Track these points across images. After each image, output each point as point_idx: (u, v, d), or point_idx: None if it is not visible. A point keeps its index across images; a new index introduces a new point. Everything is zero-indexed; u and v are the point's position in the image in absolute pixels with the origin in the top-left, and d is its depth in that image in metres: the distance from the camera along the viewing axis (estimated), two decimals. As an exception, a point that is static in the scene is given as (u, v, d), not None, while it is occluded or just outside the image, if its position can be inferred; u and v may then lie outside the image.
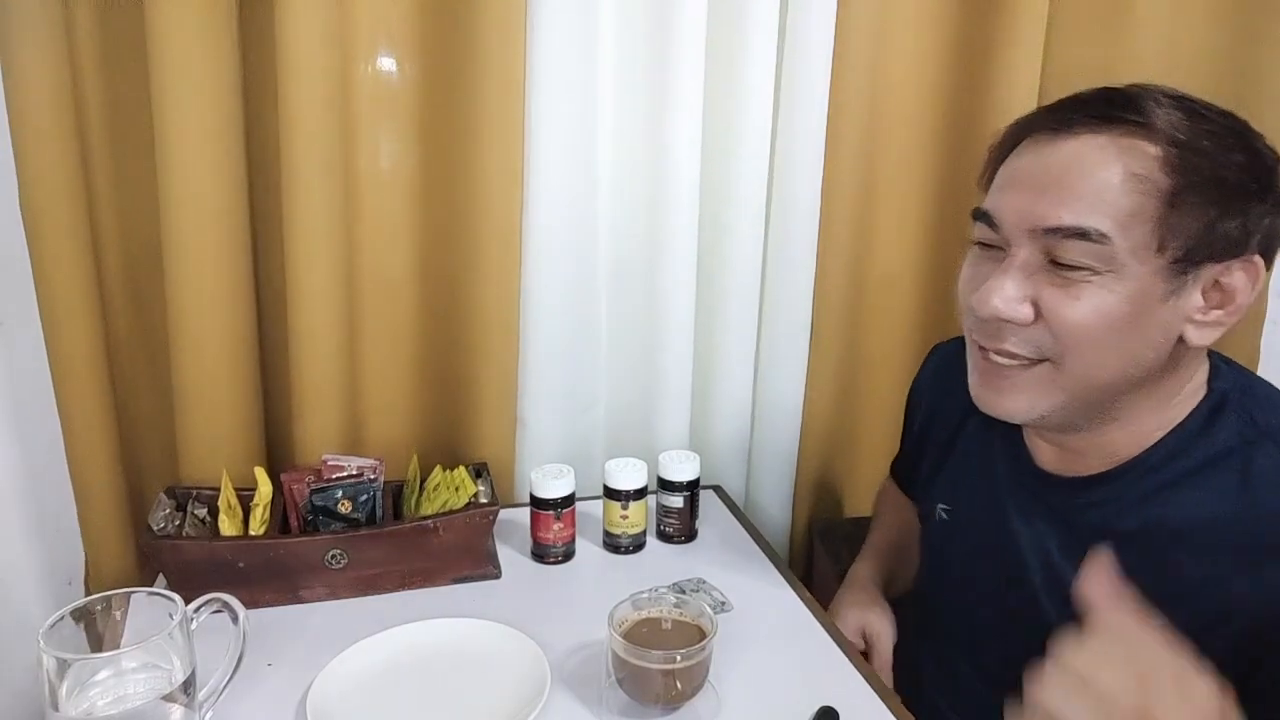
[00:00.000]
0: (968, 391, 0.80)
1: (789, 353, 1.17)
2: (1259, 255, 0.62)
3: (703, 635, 0.70)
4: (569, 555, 0.97)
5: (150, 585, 0.80)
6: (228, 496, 0.91)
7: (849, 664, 0.78)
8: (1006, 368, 0.66)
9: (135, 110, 0.95)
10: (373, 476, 0.94)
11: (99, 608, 0.65)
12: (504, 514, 0.94)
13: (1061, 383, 0.64)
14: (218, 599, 0.67)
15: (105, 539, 1.00)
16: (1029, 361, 0.65)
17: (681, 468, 0.99)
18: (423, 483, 1.00)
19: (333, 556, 0.86)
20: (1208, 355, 0.69)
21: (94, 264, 0.96)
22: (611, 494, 0.97)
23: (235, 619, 0.68)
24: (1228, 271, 0.61)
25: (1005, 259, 0.65)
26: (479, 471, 1.01)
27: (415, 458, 1.02)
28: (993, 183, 0.69)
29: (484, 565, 0.92)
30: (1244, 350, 1.21)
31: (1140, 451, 0.67)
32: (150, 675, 0.63)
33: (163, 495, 0.91)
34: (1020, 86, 1.08)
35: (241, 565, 0.84)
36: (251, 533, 0.89)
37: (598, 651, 0.77)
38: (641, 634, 0.71)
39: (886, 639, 0.88)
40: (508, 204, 1.03)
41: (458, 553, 0.90)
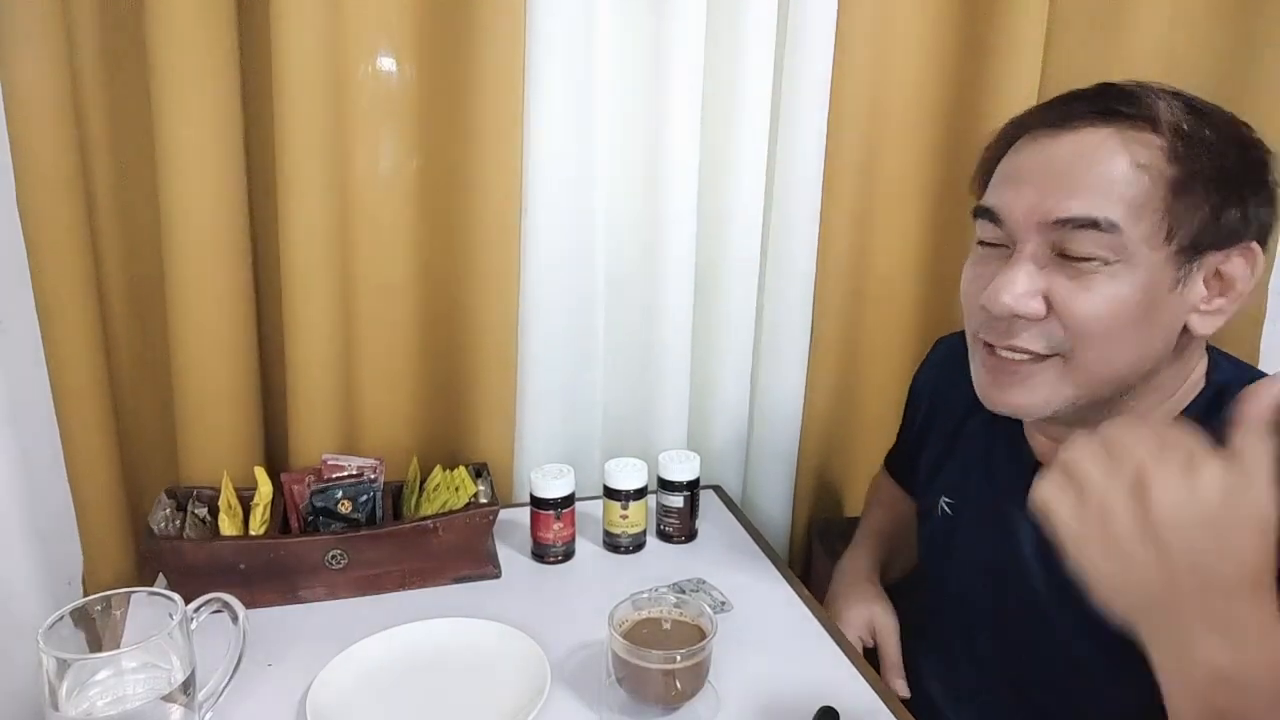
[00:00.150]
0: (970, 389, 0.80)
1: (788, 353, 1.17)
2: (1256, 243, 0.63)
3: (703, 635, 0.70)
4: (569, 555, 0.97)
5: (150, 585, 0.80)
6: (228, 496, 0.91)
7: (849, 664, 0.78)
8: (1016, 363, 0.65)
9: (135, 112, 0.95)
10: (373, 477, 0.94)
11: (99, 608, 0.65)
12: (504, 514, 0.94)
13: (1073, 377, 0.64)
14: (218, 599, 0.67)
15: (104, 540, 1.00)
16: (1039, 356, 0.64)
17: (681, 468, 0.99)
18: (423, 483, 1.00)
19: (333, 556, 0.86)
20: (1206, 349, 0.69)
21: (93, 266, 0.96)
22: (611, 494, 0.97)
23: (235, 619, 0.68)
24: (1228, 260, 0.62)
25: (1012, 255, 0.65)
26: (479, 472, 1.01)
27: (415, 458, 1.02)
28: (989, 181, 0.69)
29: (484, 565, 0.92)
30: (1244, 349, 1.21)
31: None
32: (150, 675, 0.63)
33: (163, 495, 0.91)
34: (1020, 88, 1.08)
35: (242, 565, 0.84)
36: (251, 533, 0.89)
37: (598, 651, 0.77)
38: (641, 634, 0.71)
39: (894, 634, 0.88)
40: (506, 205, 1.03)
41: (458, 553, 0.90)
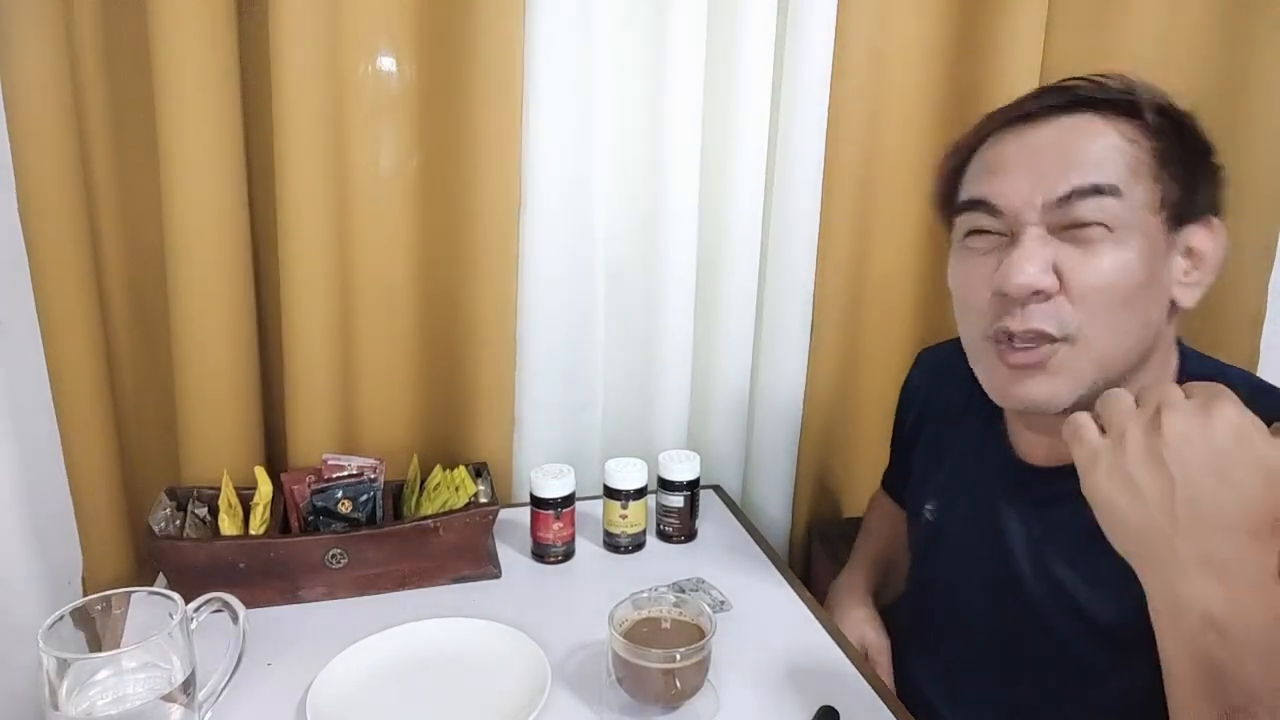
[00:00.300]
0: (958, 393, 0.80)
1: (788, 353, 1.17)
2: (1216, 219, 0.66)
3: (702, 635, 0.70)
4: (569, 555, 0.97)
5: (150, 585, 0.80)
6: (228, 496, 0.91)
7: (849, 664, 0.78)
8: (1034, 354, 0.65)
9: (136, 112, 0.95)
10: (373, 476, 0.95)
11: (99, 607, 0.65)
12: (504, 514, 0.94)
13: (1087, 357, 0.64)
14: (218, 599, 0.67)
15: (103, 540, 1.00)
16: (1052, 341, 0.64)
17: (681, 467, 0.99)
18: (423, 483, 1.00)
19: (333, 556, 0.86)
20: (1177, 344, 0.71)
21: (93, 266, 0.96)
22: (611, 494, 0.97)
23: (235, 619, 0.68)
24: (1196, 235, 0.65)
25: (1012, 240, 0.65)
26: (479, 471, 1.01)
27: (415, 458, 1.03)
28: (964, 177, 0.70)
29: (484, 565, 0.92)
30: (1244, 350, 1.21)
31: None
32: (150, 675, 0.63)
33: (163, 495, 0.91)
34: (1019, 85, 1.08)
35: (242, 565, 0.84)
36: (252, 532, 0.89)
37: (598, 651, 0.77)
38: (641, 633, 0.71)
39: (885, 654, 0.89)
40: (506, 205, 1.03)
41: (458, 553, 0.90)
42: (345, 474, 0.94)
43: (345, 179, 1.01)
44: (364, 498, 0.93)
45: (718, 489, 1.16)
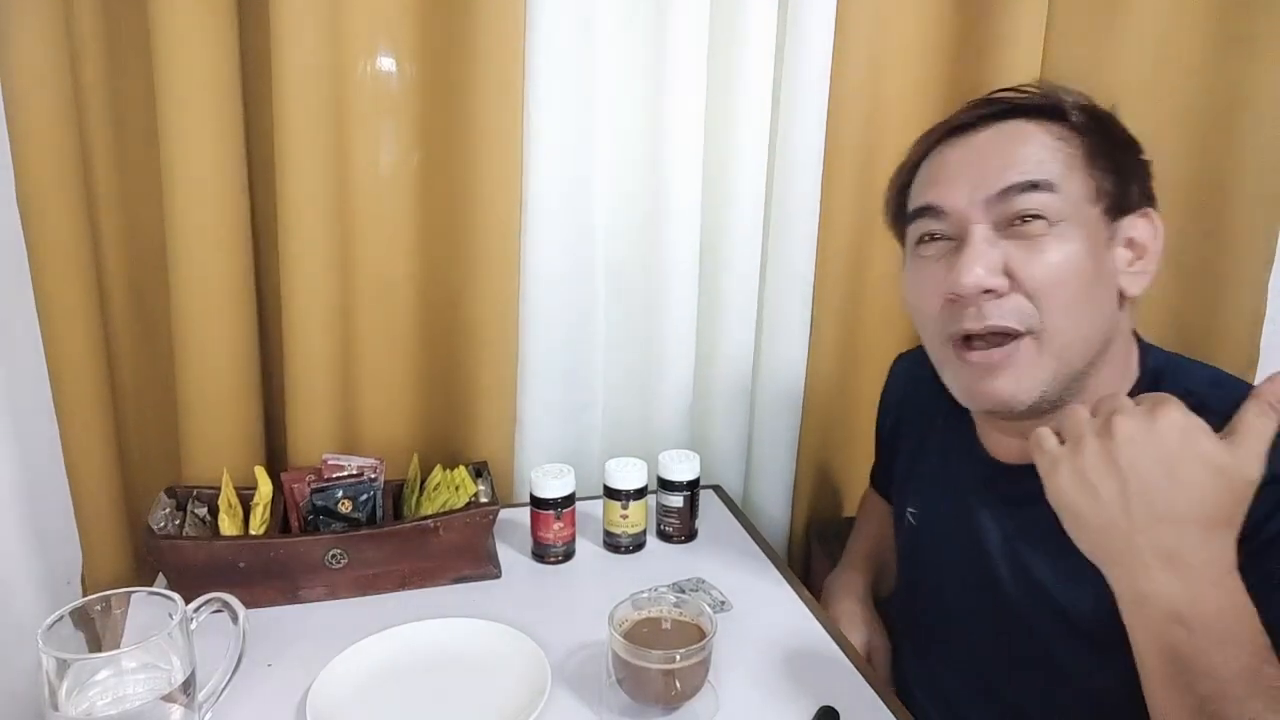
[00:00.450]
0: (932, 398, 0.82)
1: (788, 352, 1.17)
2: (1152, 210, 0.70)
3: (702, 635, 0.70)
4: (569, 555, 0.97)
5: (150, 585, 0.80)
6: (228, 496, 0.91)
7: (849, 664, 0.78)
8: (995, 352, 0.66)
9: (136, 110, 0.95)
10: (373, 476, 0.94)
11: (98, 608, 0.65)
12: (504, 514, 0.94)
13: (1049, 350, 0.66)
14: (218, 599, 0.67)
15: (103, 540, 1.00)
16: (1015, 335, 0.66)
17: (681, 467, 0.99)
18: (423, 482, 1.00)
19: (333, 556, 0.86)
20: (1135, 337, 0.72)
21: (93, 264, 0.96)
22: (611, 494, 0.97)
23: (235, 619, 0.68)
24: (1135, 226, 0.68)
25: (960, 243, 0.67)
26: (479, 471, 1.01)
27: (415, 457, 1.02)
28: (910, 189, 0.74)
29: (484, 565, 0.92)
30: (1244, 350, 1.21)
31: None
32: (150, 675, 0.63)
33: (163, 495, 0.91)
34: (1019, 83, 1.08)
35: (241, 565, 0.84)
36: (252, 532, 0.89)
37: (598, 651, 0.77)
38: (641, 634, 0.71)
39: (885, 655, 0.89)
40: (506, 203, 1.03)
41: (458, 553, 0.90)
42: (345, 474, 0.94)
43: (346, 178, 1.01)
44: (364, 498, 0.93)
45: (718, 489, 1.16)
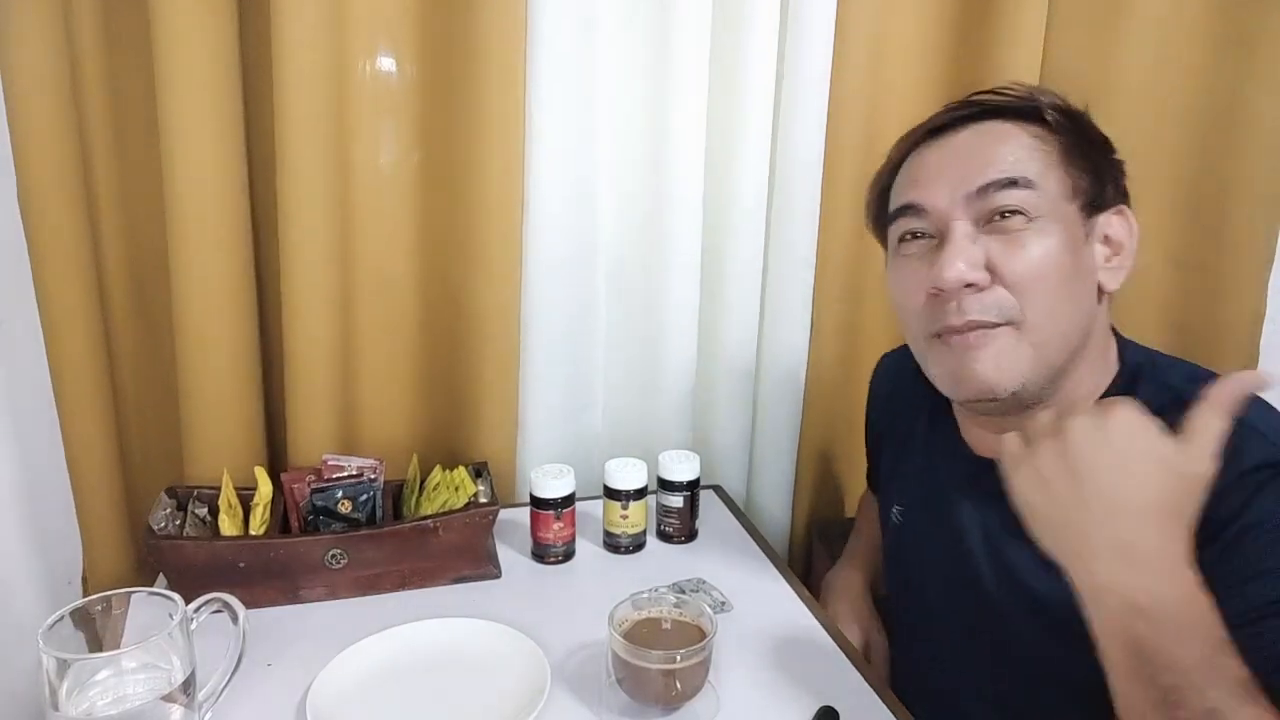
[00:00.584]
0: (916, 396, 0.83)
1: (789, 352, 1.17)
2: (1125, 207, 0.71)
3: (703, 635, 0.70)
4: (569, 555, 0.97)
5: (150, 585, 0.80)
6: (228, 496, 0.91)
7: (849, 664, 0.78)
8: (976, 338, 0.67)
9: (137, 107, 0.95)
10: (373, 476, 0.94)
11: (99, 608, 0.65)
12: (504, 514, 0.94)
13: (1029, 339, 0.67)
14: (218, 599, 0.67)
15: (104, 539, 1.00)
16: (995, 325, 0.67)
17: (681, 467, 0.99)
18: (423, 483, 1.00)
19: (333, 556, 0.86)
20: (1113, 333, 0.73)
21: (94, 262, 0.96)
22: (611, 494, 0.97)
23: (235, 619, 0.68)
24: (1111, 223, 0.70)
25: (942, 240, 0.68)
26: (479, 471, 1.01)
27: (415, 458, 1.02)
28: (891, 191, 0.76)
29: (484, 565, 0.92)
30: (1244, 350, 1.21)
31: None
32: (150, 675, 0.63)
33: (163, 495, 0.91)
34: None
35: (241, 565, 0.84)
36: (252, 532, 0.89)
37: (598, 651, 0.77)
38: (641, 634, 0.71)
39: (883, 652, 0.90)
40: (508, 203, 1.03)
41: (458, 553, 0.90)
42: (345, 474, 0.94)
43: (346, 178, 1.01)
44: (364, 498, 0.93)
45: (718, 489, 1.16)
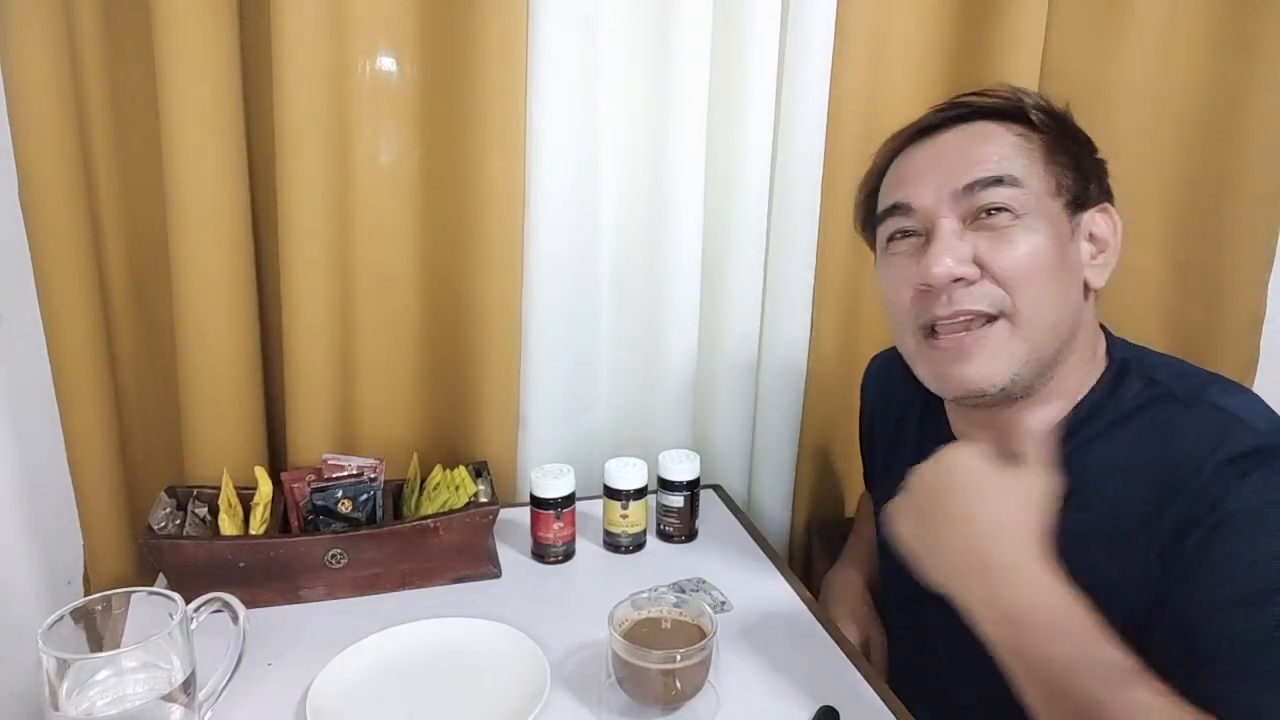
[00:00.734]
0: (906, 395, 0.84)
1: (790, 351, 1.17)
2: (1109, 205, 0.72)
3: (703, 635, 0.70)
4: (569, 555, 0.97)
5: (150, 585, 0.80)
6: (228, 496, 0.91)
7: (849, 664, 0.78)
8: (967, 334, 0.68)
9: (137, 104, 0.95)
10: (373, 476, 0.94)
11: (99, 607, 0.65)
12: (504, 514, 0.94)
13: (1021, 333, 0.67)
14: (218, 599, 0.67)
15: (105, 538, 1.00)
16: (987, 318, 0.68)
17: (681, 467, 0.99)
18: (423, 482, 1.00)
19: (333, 556, 0.86)
20: (1101, 330, 0.74)
21: (95, 260, 0.96)
22: (611, 494, 0.97)
23: (235, 619, 0.68)
24: (1095, 221, 0.71)
25: (929, 238, 0.69)
26: (479, 471, 1.01)
27: (415, 457, 1.02)
28: (879, 192, 0.77)
29: (484, 565, 0.92)
30: (1244, 350, 1.21)
31: (1060, 416, 0.71)
32: (150, 675, 0.63)
33: (163, 494, 0.91)
34: (1019, 84, 1.08)
35: (242, 565, 0.84)
36: (252, 532, 0.89)
37: (598, 651, 0.77)
38: (641, 634, 0.71)
39: (882, 650, 0.90)
40: (510, 202, 1.03)
41: (458, 553, 0.90)
42: (345, 474, 0.94)
43: (347, 177, 1.01)
44: (364, 497, 0.93)
45: (718, 489, 1.16)
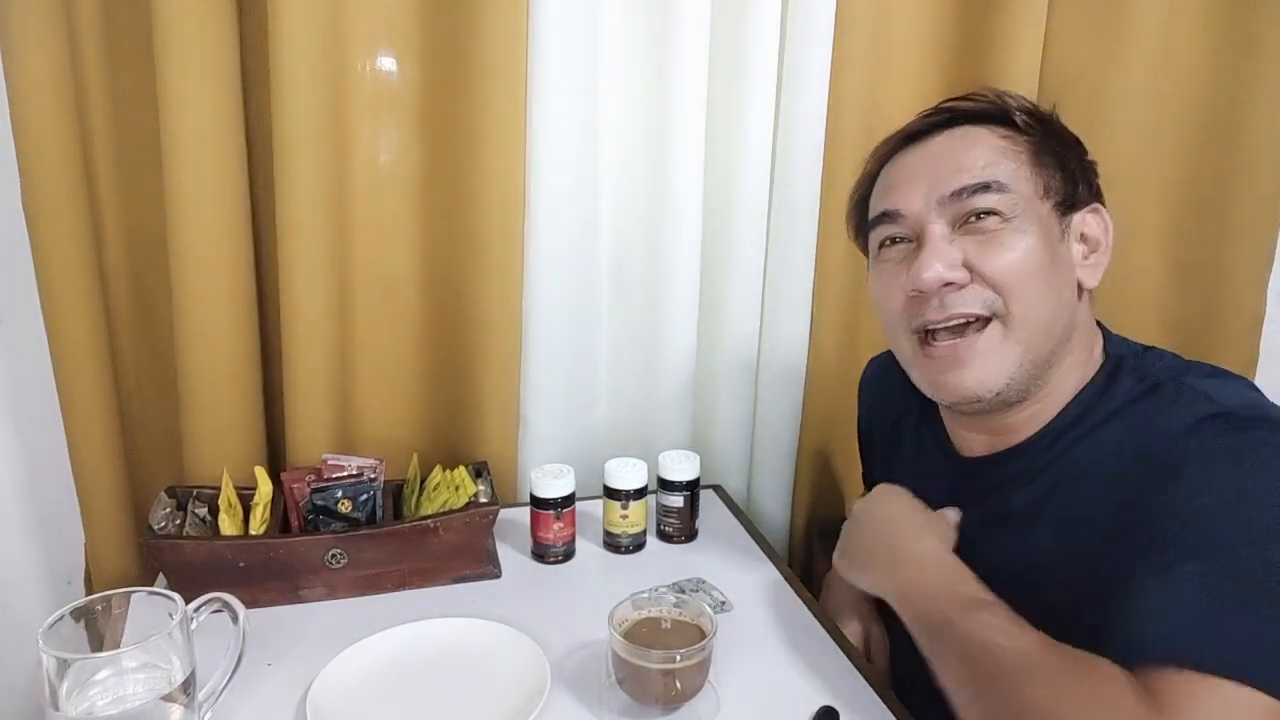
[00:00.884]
0: (904, 398, 0.84)
1: (790, 349, 1.17)
2: (1099, 205, 0.73)
3: (703, 635, 0.70)
4: (569, 555, 0.97)
5: (150, 585, 0.80)
6: (228, 496, 0.91)
7: (849, 664, 0.78)
8: (959, 343, 0.68)
9: (138, 105, 0.95)
10: (373, 476, 0.94)
11: (99, 607, 0.65)
12: (504, 514, 0.94)
13: (1015, 335, 0.68)
14: (218, 599, 0.67)
15: (106, 538, 1.00)
16: (981, 321, 0.68)
17: (681, 467, 0.99)
18: (423, 482, 1.00)
19: (333, 556, 0.86)
20: (1100, 328, 0.74)
21: (96, 262, 0.96)
22: (611, 494, 0.97)
23: (235, 619, 0.68)
24: (1086, 221, 0.72)
25: (919, 243, 0.70)
26: (479, 471, 1.01)
27: (415, 457, 1.02)
28: (870, 200, 0.77)
29: (484, 565, 0.92)
30: (1243, 350, 1.21)
31: (1054, 415, 0.71)
32: (150, 675, 0.63)
33: (163, 494, 0.91)
34: (1019, 87, 1.08)
35: (241, 565, 0.84)
36: (252, 532, 0.89)
37: (598, 651, 0.77)
38: (641, 634, 0.71)
39: (883, 647, 0.88)
40: (510, 202, 1.03)
41: (458, 553, 0.90)
42: (345, 474, 0.94)
43: (347, 176, 1.01)
44: (364, 497, 0.93)
45: (718, 489, 1.16)
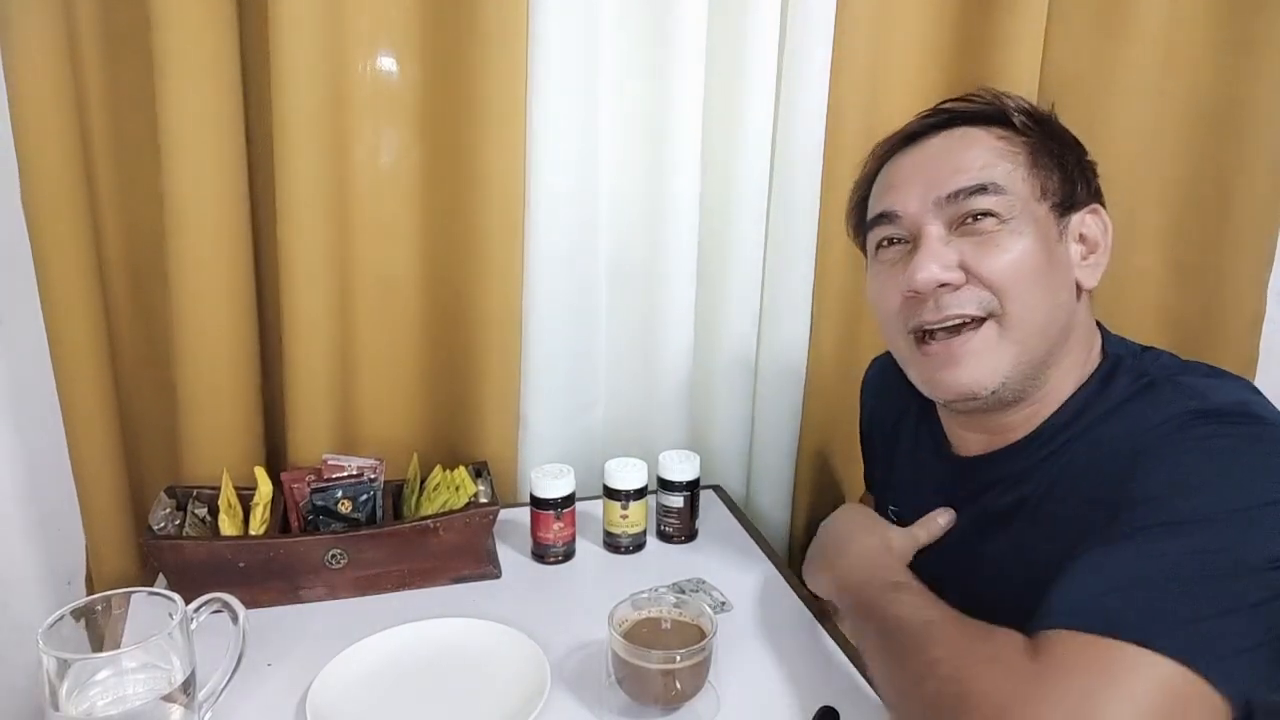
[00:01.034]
0: (904, 398, 0.84)
1: (789, 349, 1.17)
2: (1098, 205, 0.73)
3: (703, 635, 0.70)
4: (569, 555, 0.97)
5: (150, 585, 0.80)
6: (228, 496, 0.91)
7: (849, 664, 0.78)
8: (954, 341, 0.68)
9: (138, 106, 0.95)
10: (373, 476, 0.95)
11: (99, 607, 0.65)
12: (504, 514, 0.94)
13: (1010, 336, 0.68)
14: (218, 599, 0.67)
15: (106, 538, 1.00)
16: (976, 321, 0.68)
17: (681, 467, 0.99)
18: (423, 482, 1.00)
19: (333, 556, 0.86)
20: (1099, 328, 0.74)
21: (96, 262, 0.96)
22: (611, 494, 0.97)
23: (235, 619, 0.68)
24: (1085, 222, 0.71)
25: (916, 244, 0.70)
26: (479, 471, 1.01)
27: (415, 457, 1.02)
28: (869, 200, 0.77)
29: (484, 565, 0.92)
30: (1244, 350, 1.21)
31: (1050, 415, 0.71)
32: (150, 675, 0.63)
33: (163, 495, 0.91)
34: (1019, 87, 1.08)
35: (241, 565, 0.84)
36: (251, 532, 0.89)
37: (598, 651, 0.77)
38: (641, 634, 0.71)
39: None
40: (510, 202, 1.03)
41: (458, 553, 0.90)
42: (345, 474, 0.94)
43: (347, 176, 1.01)
44: (364, 497, 0.93)
45: (718, 489, 1.16)
